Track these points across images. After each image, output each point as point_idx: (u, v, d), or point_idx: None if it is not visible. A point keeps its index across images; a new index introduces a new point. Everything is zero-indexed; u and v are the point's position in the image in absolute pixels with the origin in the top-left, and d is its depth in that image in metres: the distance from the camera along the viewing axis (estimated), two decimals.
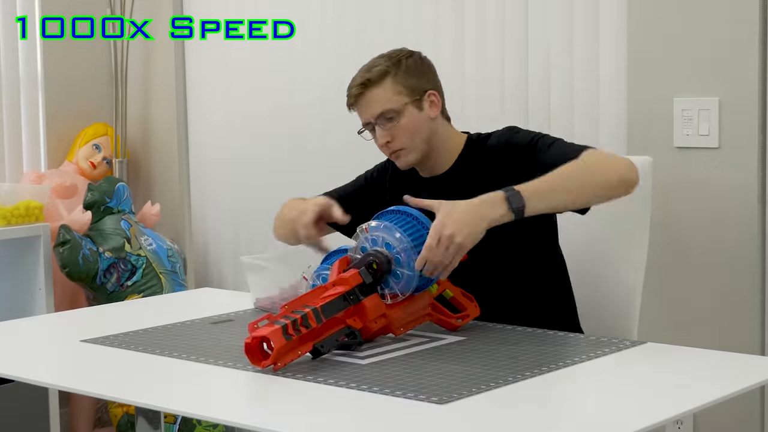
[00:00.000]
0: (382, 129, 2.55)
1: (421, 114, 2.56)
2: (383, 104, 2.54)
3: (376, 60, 2.58)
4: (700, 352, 2.31)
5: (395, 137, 2.55)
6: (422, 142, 2.57)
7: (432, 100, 2.58)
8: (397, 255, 2.28)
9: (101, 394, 2.14)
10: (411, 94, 2.55)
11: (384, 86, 2.54)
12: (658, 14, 3.16)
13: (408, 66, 2.56)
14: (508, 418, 1.90)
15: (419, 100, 2.55)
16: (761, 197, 3.05)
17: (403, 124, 2.54)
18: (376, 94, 2.54)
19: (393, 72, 2.54)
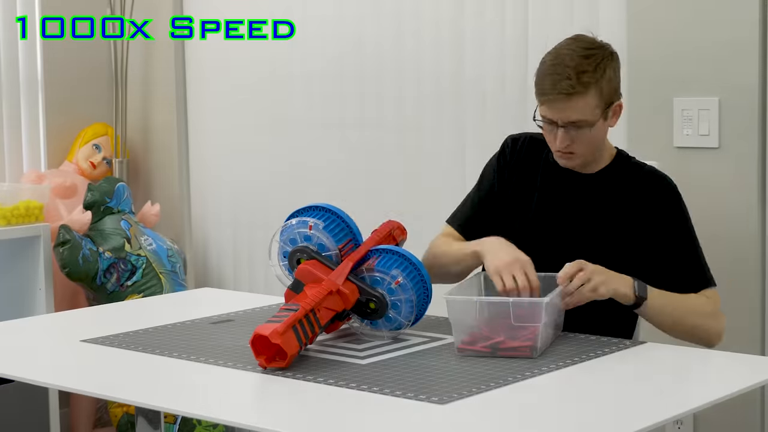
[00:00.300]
0: (566, 133, 2.47)
1: (605, 123, 2.51)
2: (581, 115, 2.45)
3: (581, 61, 2.45)
4: (700, 352, 2.31)
5: (576, 143, 2.49)
6: (594, 151, 2.54)
7: (616, 109, 2.52)
8: (396, 301, 2.31)
9: (101, 394, 2.15)
10: (606, 106, 2.48)
11: (587, 98, 2.44)
12: (658, 14, 3.16)
13: (609, 75, 2.47)
14: (508, 418, 1.90)
15: (608, 110, 2.49)
16: (761, 197, 3.05)
17: (589, 135, 2.48)
18: (578, 104, 2.44)
19: (599, 84, 2.45)
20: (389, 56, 3.82)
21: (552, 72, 2.46)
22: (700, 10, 3.08)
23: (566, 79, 2.44)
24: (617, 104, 2.52)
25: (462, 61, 3.64)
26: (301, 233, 2.38)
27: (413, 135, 3.78)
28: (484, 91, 3.61)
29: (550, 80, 2.46)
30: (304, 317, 2.17)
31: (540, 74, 2.50)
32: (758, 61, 3.00)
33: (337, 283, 2.26)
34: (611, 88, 2.49)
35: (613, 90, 2.50)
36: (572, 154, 2.52)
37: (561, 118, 2.46)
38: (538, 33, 3.47)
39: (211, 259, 4.41)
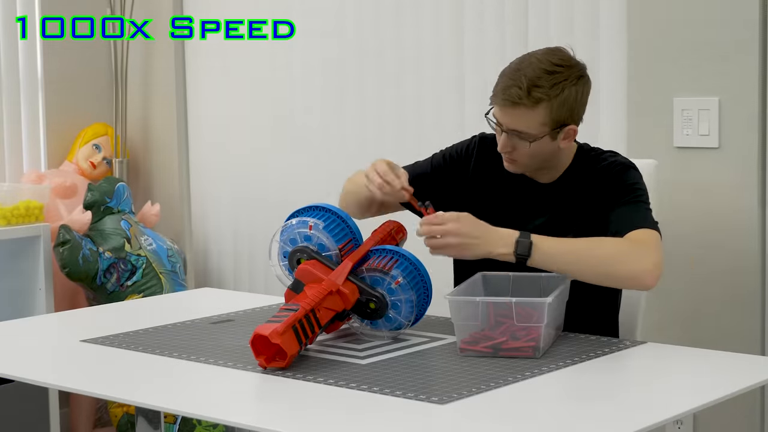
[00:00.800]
0: (508, 139, 2.47)
1: (553, 143, 2.48)
2: (524, 126, 2.44)
3: (542, 75, 2.43)
4: (700, 352, 2.31)
5: (516, 151, 2.48)
6: (538, 164, 2.53)
7: (569, 133, 2.49)
8: (396, 301, 2.31)
9: (101, 394, 2.14)
10: (554, 125, 2.45)
11: (535, 112, 2.42)
12: (658, 14, 3.16)
13: (566, 97, 2.43)
14: (508, 418, 1.90)
15: (557, 132, 2.46)
16: (761, 197, 3.05)
17: (531, 148, 2.46)
18: (523, 116, 2.43)
19: (551, 103, 2.42)
20: (389, 56, 3.82)
21: (509, 76, 2.46)
22: (700, 9, 3.08)
23: (517, 87, 2.42)
24: (570, 128, 2.47)
25: (462, 61, 3.64)
26: (301, 233, 2.38)
27: (413, 135, 3.78)
28: (485, 92, 3.59)
29: (503, 83, 2.46)
30: (304, 317, 2.17)
31: (500, 74, 2.50)
32: (758, 61, 3.00)
33: (337, 283, 2.26)
34: (566, 110, 2.44)
35: (567, 112, 2.45)
36: (515, 161, 2.51)
37: (505, 124, 2.46)
38: (538, 33, 3.47)
39: (211, 259, 4.41)
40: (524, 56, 2.51)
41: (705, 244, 3.11)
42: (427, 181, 2.66)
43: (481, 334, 2.22)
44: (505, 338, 2.20)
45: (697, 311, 3.15)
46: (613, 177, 2.51)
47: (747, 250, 3.06)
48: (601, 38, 3.35)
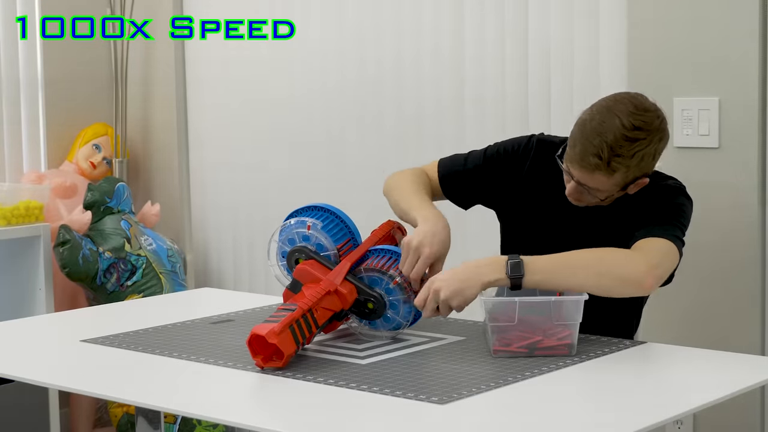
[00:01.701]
0: (578, 188, 2.42)
1: (621, 191, 2.45)
2: (599, 185, 2.40)
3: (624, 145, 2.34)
4: (700, 352, 2.31)
5: (586, 197, 2.45)
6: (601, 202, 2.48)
7: (639, 184, 2.44)
8: (394, 301, 2.31)
9: (101, 394, 2.14)
10: (629, 182, 2.41)
11: (612, 178, 2.37)
12: (658, 14, 3.16)
13: (643, 158, 2.37)
14: (508, 418, 1.90)
15: (630, 184, 2.43)
16: (761, 197, 3.05)
17: (599, 199, 2.44)
18: (599, 179, 2.38)
19: (629, 168, 2.37)
20: (389, 56, 3.82)
21: (587, 140, 2.37)
22: (700, 10, 3.08)
23: (596, 156, 2.35)
24: (641, 180, 2.43)
25: (462, 64, 3.64)
26: (300, 233, 2.38)
27: (413, 135, 3.78)
28: (485, 96, 3.60)
29: (581, 148, 2.38)
30: (302, 317, 2.17)
31: (576, 133, 2.41)
32: (758, 61, 3.00)
33: (335, 283, 2.26)
34: (641, 168, 2.40)
35: (642, 169, 2.41)
36: (580, 201, 2.47)
37: (581, 179, 2.41)
38: (538, 33, 3.47)
39: (211, 259, 4.41)
40: (601, 110, 2.41)
41: (705, 244, 3.11)
42: (478, 173, 2.64)
43: (515, 335, 2.21)
44: (540, 337, 2.20)
45: (697, 311, 3.15)
46: (658, 196, 2.47)
47: (747, 250, 3.06)
48: (601, 38, 3.35)
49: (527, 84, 3.50)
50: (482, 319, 2.36)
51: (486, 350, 2.27)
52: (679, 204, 2.48)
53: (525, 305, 2.20)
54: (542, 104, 3.48)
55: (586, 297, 2.20)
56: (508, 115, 3.54)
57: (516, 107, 3.53)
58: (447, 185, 2.66)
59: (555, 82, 3.45)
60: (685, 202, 2.50)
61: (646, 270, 2.28)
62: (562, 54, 3.43)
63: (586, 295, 2.20)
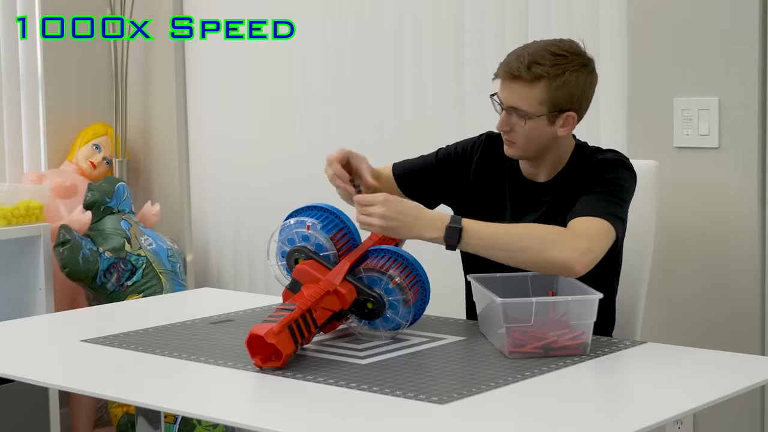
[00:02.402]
0: (506, 117, 2.50)
1: (550, 128, 2.48)
2: (520, 103, 2.46)
3: (543, 53, 2.45)
4: (700, 352, 2.31)
5: (514, 131, 2.50)
6: (536, 149, 2.52)
7: (568, 120, 2.49)
8: (394, 301, 2.31)
9: (101, 394, 2.14)
10: (551, 108, 2.46)
11: (532, 89, 2.45)
12: (658, 14, 3.16)
13: (568, 80, 2.45)
14: (508, 418, 1.90)
15: (556, 115, 2.47)
16: (761, 197, 3.05)
17: (527, 128, 2.47)
18: (520, 91, 2.46)
19: (550, 81, 2.44)
20: (389, 56, 3.82)
21: (513, 53, 2.50)
22: (700, 10, 3.08)
23: (518, 62, 2.46)
24: (569, 115, 2.48)
25: (462, 62, 3.64)
26: (299, 233, 2.38)
27: (413, 134, 3.78)
28: (485, 93, 3.60)
29: (507, 59, 2.49)
30: (300, 317, 2.17)
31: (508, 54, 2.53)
32: (758, 61, 3.00)
33: (335, 283, 2.26)
34: (567, 94, 2.45)
35: (567, 97, 2.46)
36: (512, 143, 2.52)
37: (504, 99, 2.49)
38: (538, 33, 3.47)
39: (211, 259, 4.41)
40: (534, 41, 2.54)
41: (705, 244, 3.11)
42: (432, 174, 2.69)
43: (530, 336, 2.20)
44: (554, 338, 2.19)
45: (697, 311, 3.15)
46: (596, 171, 2.50)
47: (747, 250, 3.06)
48: (601, 38, 3.35)
49: None
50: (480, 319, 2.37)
51: (486, 350, 2.26)
52: (618, 178, 2.48)
53: (542, 305, 2.20)
54: None
55: (600, 296, 2.20)
56: None
57: None
58: (403, 184, 2.70)
59: None
60: (624, 175, 2.50)
61: (579, 255, 2.31)
62: None
63: (600, 294, 2.20)
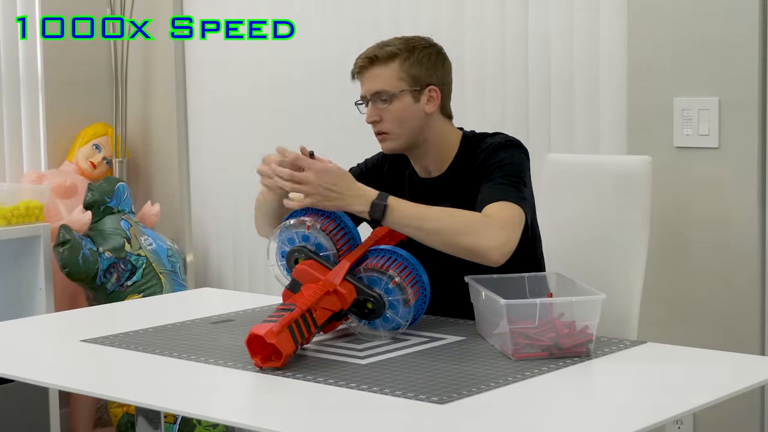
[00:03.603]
0: (373, 107, 2.58)
1: (416, 105, 2.57)
2: (381, 84, 2.56)
3: (393, 40, 2.61)
4: (700, 352, 2.31)
5: (383, 119, 2.57)
6: (410, 132, 2.58)
7: (432, 95, 2.59)
8: (394, 301, 2.30)
9: (101, 394, 2.14)
10: (412, 83, 2.56)
11: (389, 67, 2.55)
12: (658, 14, 3.16)
13: (420, 56, 2.57)
14: (508, 418, 1.90)
15: (419, 91, 2.56)
16: (761, 197, 3.05)
17: (393, 109, 2.56)
18: (379, 73, 2.56)
19: (403, 57, 2.56)
20: None
21: (361, 54, 2.60)
22: (700, 10, 3.08)
23: (372, 49, 2.58)
24: (432, 89, 2.57)
25: (462, 60, 3.64)
26: (299, 233, 2.38)
27: None
28: (484, 92, 3.61)
29: (358, 57, 2.59)
30: (300, 317, 2.17)
31: None
32: (758, 61, 3.00)
33: (334, 282, 2.26)
34: (423, 69, 2.56)
35: (425, 71, 2.56)
36: (385, 135, 2.58)
37: (367, 90, 2.58)
38: (537, 33, 3.47)
39: (211, 259, 4.41)
40: None
41: (705, 244, 3.11)
42: None
43: (534, 338, 2.20)
44: (559, 340, 2.19)
45: (696, 311, 3.15)
46: (490, 155, 2.55)
47: (747, 250, 3.06)
48: (601, 38, 3.35)
49: (527, 84, 3.50)
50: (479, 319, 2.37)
51: (486, 350, 2.26)
52: (513, 158, 2.54)
53: (547, 307, 2.20)
54: (542, 105, 3.48)
55: (604, 297, 2.20)
56: (509, 116, 3.54)
57: (516, 107, 3.53)
58: None
59: (555, 82, 3.45)
60: (518, 155, 2.56)
61: (497, 245, 2.37)
62: (562, 53, 3.43)
63: (604, 295, 2.20)
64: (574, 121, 3.42)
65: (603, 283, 2.68)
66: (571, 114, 3.43)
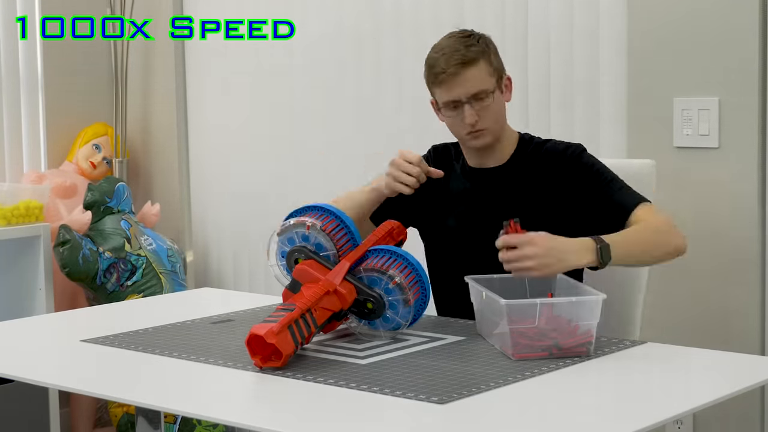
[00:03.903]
0: (471, 108, 2.56)
1: (501, 98, 2.61)
2: (480, 84, 2.56)
3: (465, 40, 2.58)
4: (700, 352, 2.31)
5: (483, 117, 2.58)
6: (501, 126, 2.63)
7: (507, 83, 2.64)
8: (394, 301, 2.30)
9: (101, 394, 2.14)
10: (498, 76, 2.60)
11: (480, 67, 2.56)
12: (658, 14, 3.16)
13: (493, 49, 2.61)
14: (508, 418, 1.90)
15: (501, 81, 2.61)
16: (761, 197, 3.05)
17: (491, 106, 2.58)
18: (474, 74, 2.55)
19: (488, 53, 2.58)
20: (389, 57, 3.82)
21: (441, 54, 2.57)
22: (701, 10, 3.08)
23: (456, 52, 2.55)
24: (507, 77, 2.63)
25: None
26: (299, 233, 2.38)
27: (414, 136, 3.77)
28: None
29: (443, 60, 2.56)
30: (300, 317, 2.17)
31: (430, 63, 2.61)
32: (758, 61, 3.01)
33: (334, 282, 2.26)
34: (498, 61, 2.61)
35: (499, 61, 2.61)
36: (482, 131, 2.59)
37: (463, 94, 2.56)
38: (537, 33, 3.47)
39: (211, 259, 4.41)
40: (433, 47, 2.63)
41: (705, 244, 3.11)
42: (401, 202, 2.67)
43: (534, 338, 2.19)
44: (560, 340, 2.18)
45: (697, 311, 3.15)
46: (574, 161, 2.59)
47: (747, 250, 3.06)
48: (601, 38, 3.35)
49: (527, 83, 3.50)
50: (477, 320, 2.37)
51: (486, 350, 2.26)
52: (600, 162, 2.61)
53: (546, 306, 2.19)
54: (542, 105, 3.48)
55: (604, 297, 2.20)
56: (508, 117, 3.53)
57: (516, 107, 3.53)
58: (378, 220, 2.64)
59: (555, 81, 3.45)
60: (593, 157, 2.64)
61: (682, 238, 2.48)
62: (562, 53, 3.43)
63: (604, 295, 2.20)
64: (574, 122, 3.42)
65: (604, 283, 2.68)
66: (571, 114, 3.43)
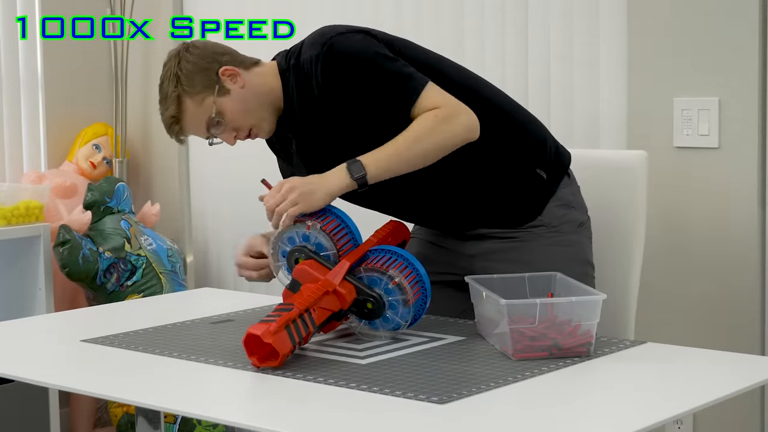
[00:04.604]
0: (221, 134, 2.52)
1: (233, 94, 2.51)
2: (201, 119, 2.50)
3: (165, 85, 2.51)
4: (700, 352, 2.31)
5: (236, 129, 2.53)
6: (260, 110, 2.55)
7: (229, 75, 2.52)
8: (393, 301, 2.30)
9: (101, 394, 2.14)
10: (209, 89, 2.49)
11: (187, 108, 2.49)
12: (658, 14, 3.16)
13: (187, 72, 2.49)
14: (508, 418, 1.90)
15: (220, 85, 2.50)
16: (761, 197, 3.05)
17: (229, 117, 2.50)
18: (188, 119, 2.50)
19: (182, 90, 2.48)
20: None
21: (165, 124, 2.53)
22: (700, 10, 3.08)
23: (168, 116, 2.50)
24: (221, 72, 2.51)
25: (462, 58, 3.64)
26: (300, 233, 2.38)
27: None
28: None
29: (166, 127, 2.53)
30: (298, 317, 2.17)
31: None
32: (758, 61, 3.01)
33: (334, 282, 2.26)
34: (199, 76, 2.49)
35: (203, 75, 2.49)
36: (251, 134, 2.56)
37: (202, 134, 2.52)
38: (537, 33, 3.47)
39: (211, 259, 4.41)
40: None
41: (705, 244, 3.11)
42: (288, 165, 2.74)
43: (536, 338, 2.19)
44: (560, 340, 2.18)
45: (697, 311, 3.15)
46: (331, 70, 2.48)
47: (747, 250, 3.06)
48: (601, 38, 3.35)
49: (527, 82, 3.50)
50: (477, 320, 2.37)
51: (486, 350, 2.27)
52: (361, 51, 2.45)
53: (546, 306, 2.19)
54: (542, 105, 3.48)
55: (604, 297, 2.20)
56: None
57: None
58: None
59: (554, 81, 3.45)
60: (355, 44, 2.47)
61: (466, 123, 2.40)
62: (562, 53, 3.43)
63: (604, 295, 2.20)
64: (574, 121, 3.42)
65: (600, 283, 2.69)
66: (571, 114, 3.43)
